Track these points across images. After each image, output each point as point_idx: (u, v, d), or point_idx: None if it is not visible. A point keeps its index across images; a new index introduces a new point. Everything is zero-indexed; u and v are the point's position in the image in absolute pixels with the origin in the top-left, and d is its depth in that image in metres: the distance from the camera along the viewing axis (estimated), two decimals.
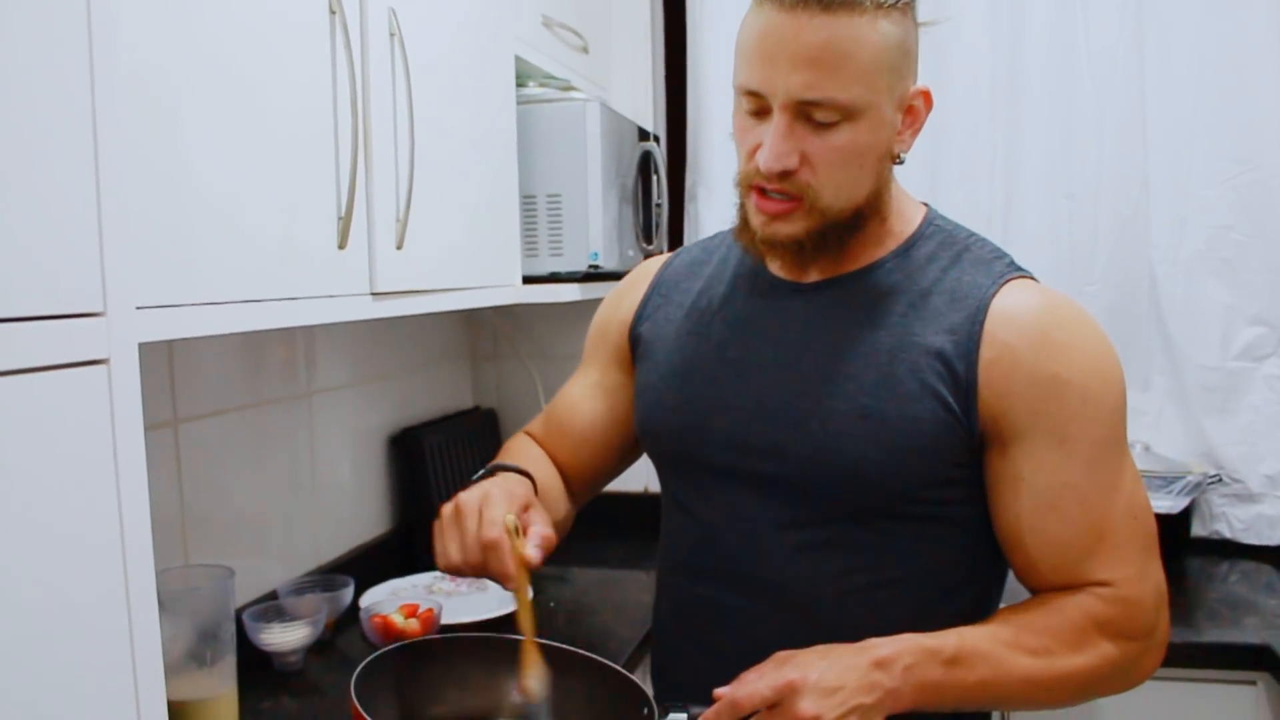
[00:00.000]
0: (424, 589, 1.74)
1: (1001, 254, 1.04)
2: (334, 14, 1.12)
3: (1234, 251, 1.93)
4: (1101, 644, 0.95)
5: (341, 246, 1.15)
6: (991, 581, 1.08)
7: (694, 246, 1.23)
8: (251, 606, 1.47)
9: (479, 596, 1.68)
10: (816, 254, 1.02)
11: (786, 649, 0.93)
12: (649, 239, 2.03)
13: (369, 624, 1.51)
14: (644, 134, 2.04)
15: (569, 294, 1.77)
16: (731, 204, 1.06)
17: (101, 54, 0.72)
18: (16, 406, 0.65)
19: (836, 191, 0.97)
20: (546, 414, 1.30)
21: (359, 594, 1.66)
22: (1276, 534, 1.95)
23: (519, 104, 1.68)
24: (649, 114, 2.24)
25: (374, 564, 1.81)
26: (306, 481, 1.70)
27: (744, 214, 1.03)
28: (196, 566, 1.32)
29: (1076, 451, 0.95)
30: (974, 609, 1.04)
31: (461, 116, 1.48)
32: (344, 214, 1.15)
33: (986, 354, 0.96)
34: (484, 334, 2.35)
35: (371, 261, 1.23)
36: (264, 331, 1.53)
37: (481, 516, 0.96)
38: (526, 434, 1.30)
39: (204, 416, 1.46)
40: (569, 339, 1.77)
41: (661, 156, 2.06)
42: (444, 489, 1.96)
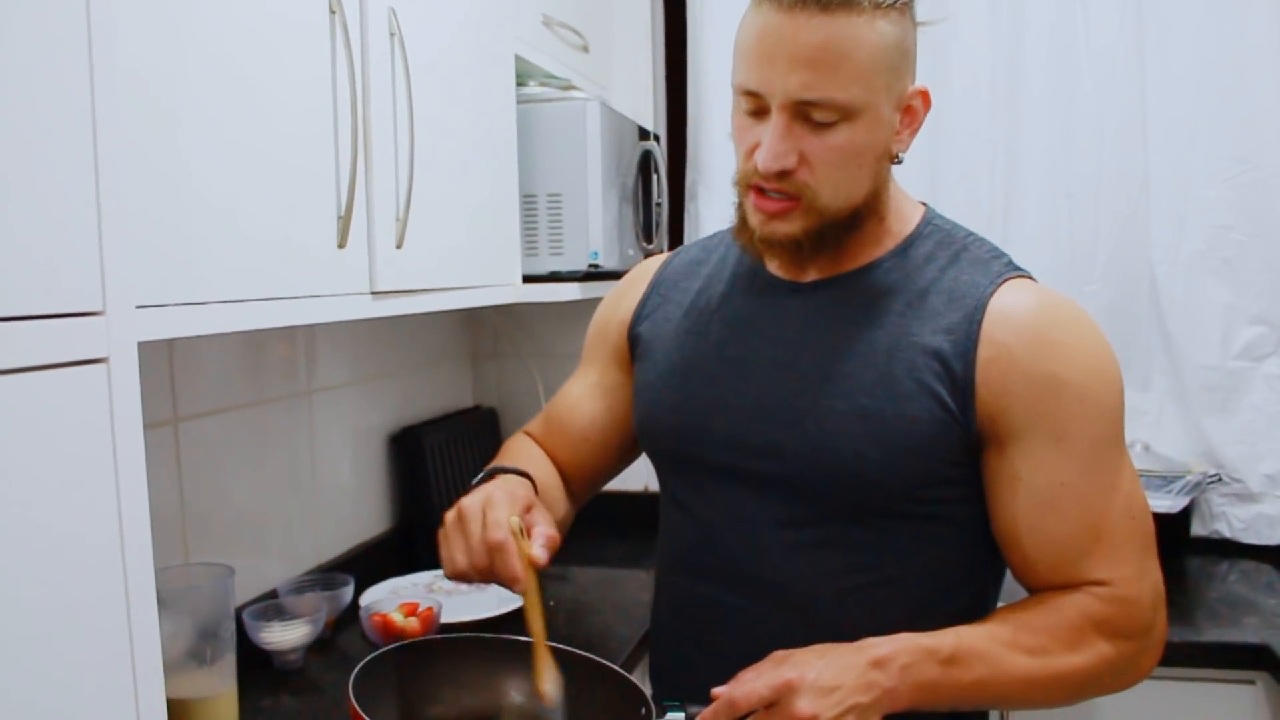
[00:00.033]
0: (424, 588, 1.74)
1: (999, 253, 1.04)
2: (334, 14, 1.13)
3: (1234, 251, 1.93)
4: (1099, 643, 0.96)
5: (341, 246, 1.16)
6: (989, 581, 1.08)
7: (693, 246, 1.24)
8: (252, 605, 1.48)
9: (479, 596, 1.68)
10: (814, 253, 1.02)
11: (785, 648, 0.93)
12: (649, 238, 2.03)
13: (369, 622, 1.51)
14: (644, 133, 2.04)
15: (569, 293, 1.77)
16: (731, 203, 1.06)
17: (101, 53, 0.72)
18: (16, 405, 0.66)
19: (834, 191, 0.97)
20: (545, 414, 1.30)
21: (359, 593, 1.67)
22: (1276, 533, 1.95)
23: (519, 103, 1.69)
24: (649, 113, 2.24)
25: (374, 563, 1.81)
26: (307, 480, 1.70)
27: (742, 213, 1.03)
28: (197, 565, 1.32)
29: (1074, 451, 0.95)
30: (972, 608, 1.04)
31: (461, 116, 1.48)
32: (344, 213, 1.15)
33: (984, 353, 0.96)
34: (484, 333, 2.35)
35: (371, 261, 1.23)
36: (264, 330, 1.54)
37: (485, 520, 0.95)
38: (525, 434, 1.30)
39: (204, 415, 1.46)
40: (569, 338, 1.77)
41: (662, 156, 2.06)
42: (444, 488, 1.97)
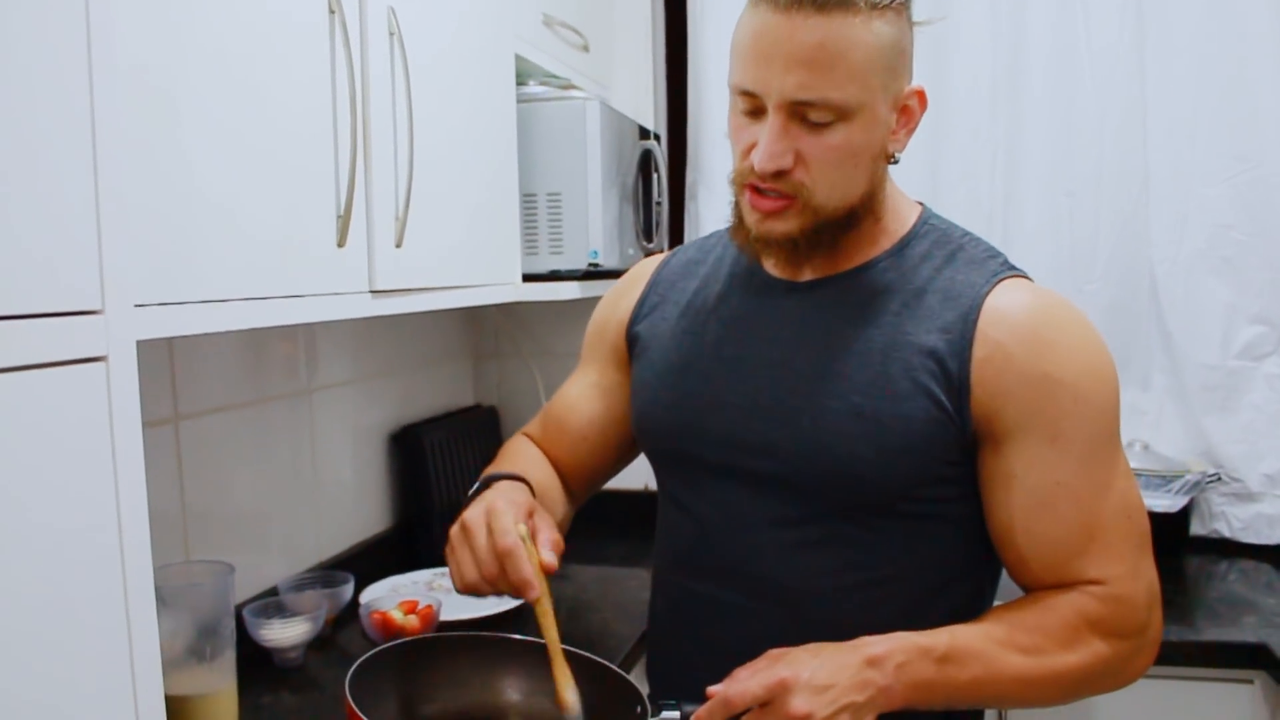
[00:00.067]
0: (424, 586, 1.74)
1: (996, 253, 1.04)
2: (333, 13, 1.13)
3: (1234, 250, 1.93)
4: (1094, 642, 0.96)
5: (341, 244, 1.16)
6: (985, 579, 1.08)
7: (691, 246, 1.24)
8: (252, 602, 1.48)
9: None
10: (810, 252, 1.02)
11: (781, 646, 0.94)
12: (649, 237, 2.04)
13: (369, 620, 1.52)
14: (644, 132, 2.04)
15: (569, 292, 1.77)
16: (728, 202, 1.06)
17: (100, 52, 0.72)
18: (15, 403, 0.66)
19: (830, 190, 0.97)
20: (544, 414, 1.30)
21: (359, 590, 1.67)
22: (1276, 533, 1.95)
23: (519, 102, 1.69)
24: (649, 112, 2.24)
25: (374, 560, 1.82)
26: (307, 478, 1.71)
27: (738, 212, 1.03)
28: (197, 562, 1.33)
29: (1069, 450, 0.95)
30: (967, 606, 1.04)
31: (461, 115, 1.48)
32: (343, 212, 1.15)
33: (979, 352, 0.96)
34: (485, 332, 2.36)
35: (371, 259, 1.23)
36: (265, 329, 1.54)
37: (491, 529, 0.96)
38: (524, 435, 1.30)
39: (205, 413, 1.46)
40: (570, 337, 1.78)
41: (662, 155, 2.06)
42: (445, 486, 1.97)
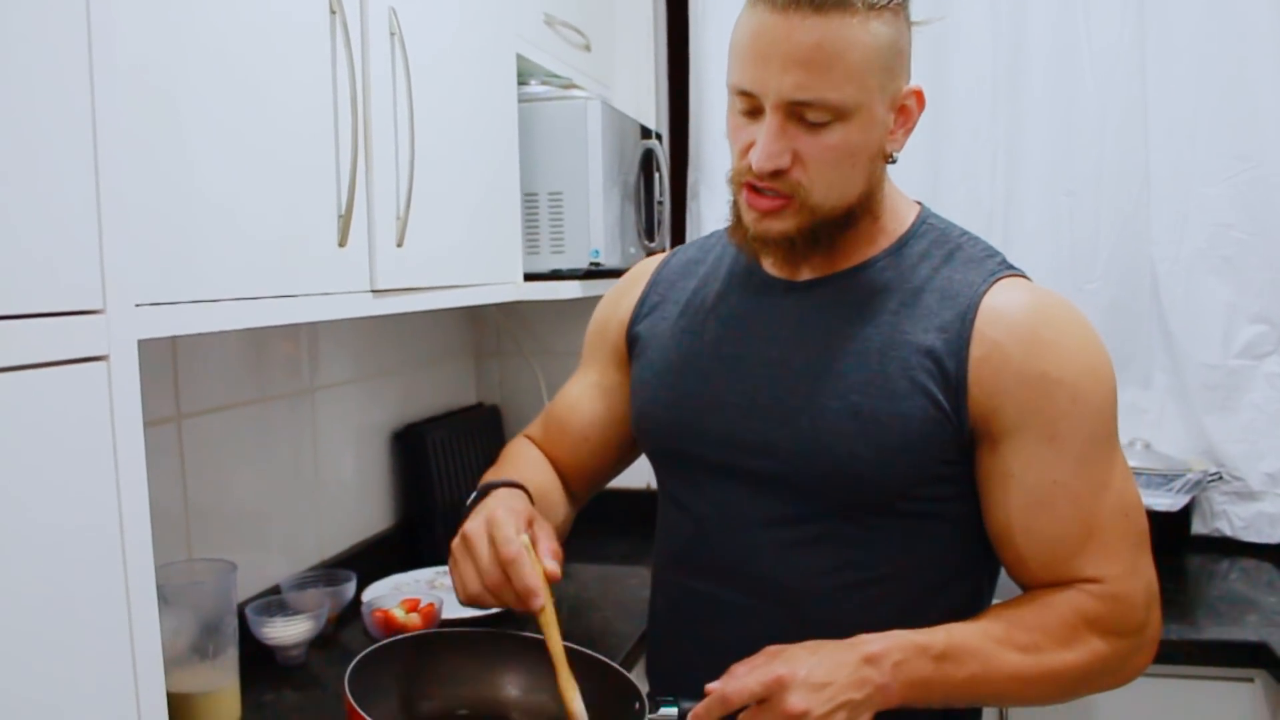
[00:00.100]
0: (426, 584, 1.75)
1: (994, 252, 1.05)
2: (334, 14, 1.13)
3: (1235, 249, 1.93)
4: (1092, 640, 0.96)
5: (342, 244, 1.16)
6: (984, 578, 1.08)
7: (691, 246, 1.24)
8: (255, 600, 1.49)
9: None
10: (808, 251, 1.02)
11: (780, 644, 0.94)
12: (651, 236, 2.04)
13: (370, 618, 1.52)
14: (646, 132, 2.05)
15: (570, 291, 1.78)
16: (727, 201, 1.06)
17: (101, 52, 0.73)
18: (17, 402, 0.67)
19: (827, 190, 0.98)
20: (545, 415, 1.30)
21: (361, 588, 1.68)
22: (1277, 532, 1.95)
23: (520, 102, 1.69)
24: (651, 112, 2.25)
25: (376, 559, 1.82)
26: (310, 477, 1.71)
27: (736, 211, 1.04)
28: (200, 560, 1.33)
29: (1066, 449, 0.96)
30: (966, 605, 1.04)
31: (462, 114, 1.48)
32: (344, 212, 1.16)
33: (976, 352, 0.96)
34: (487, 330, 2.36)
35: (372, 259, 1.24)
36: (267, 328, 1.55)
37: (493, 539, 0.96)
38: (525, 437, 1.31)
39: (208, 412, 1.47)
40: (571, 336, 1.78)
41: (664, 154, 2.06)
42: (447, 485, 1.98)
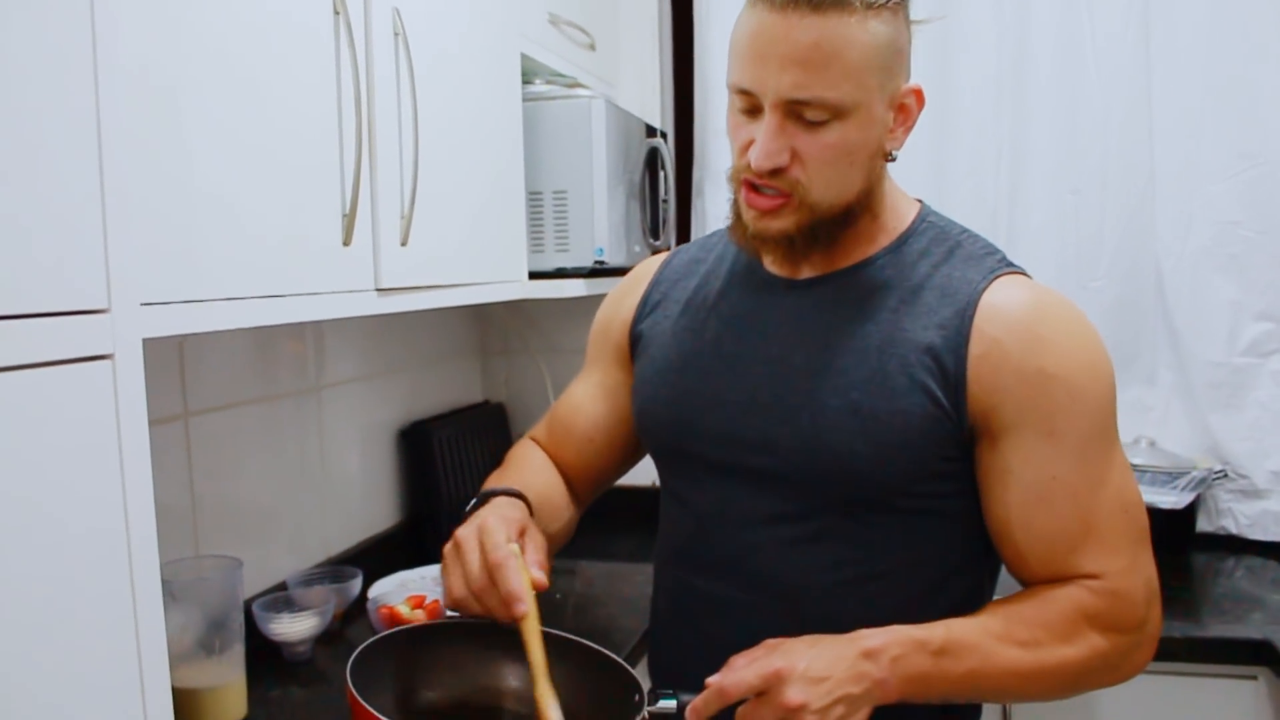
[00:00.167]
0: (431, 580, 1.75)
1: (993, 250, 1.05)
2: (338, 14, 1.14)
3: (1241, 247, 1.92)
4: (1091, 636, 0.96)
5: (346, 243, 1.17)
6: (984, 574, 1.09)
7: (693, 245, 1.25)
8: (261, 597, 1.50)
9: None
10: (807, 249, 1.03)
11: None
12: (655, 235, 2.04)
13: (376, 615, 1.53)
14: (651, 130, 2.05)
15: (575, 289, 1.79)
16: (727, 200, 1.07)
17: (105, 52, 0.73)
18: (23, 401, 0.67)
19: (826, 188, 0.98)
20: (550, 417, 1.31)
21: (367, 585, 1.68)
22: None
23: (525, 101, 1.70)
24: (656, 111, 2.25)
25: (382, 556, 1.83)
26: (316, 474, 1.72)
27: (736, 209, 1.04)
28: (206, 557, 1.34)
29: (1064, 445, 0.96)
30: (967, 601, 1.04)
31: (466, 113, 1.49)
32: (348, 211, 1.17)
33: (975, 349, 0.97)
34: (493, 329, 2.37)
35: (376, 258, 1.24)
36: (273, 326, 1.55)
37: (483, 545, 0.97)
38: (530, 439, 1.31)
39: (215, 410, 1.48)
40: (576, 333, 1.78)
41: (668, 153, 2.07)
42: (453, 482, 1.99)
